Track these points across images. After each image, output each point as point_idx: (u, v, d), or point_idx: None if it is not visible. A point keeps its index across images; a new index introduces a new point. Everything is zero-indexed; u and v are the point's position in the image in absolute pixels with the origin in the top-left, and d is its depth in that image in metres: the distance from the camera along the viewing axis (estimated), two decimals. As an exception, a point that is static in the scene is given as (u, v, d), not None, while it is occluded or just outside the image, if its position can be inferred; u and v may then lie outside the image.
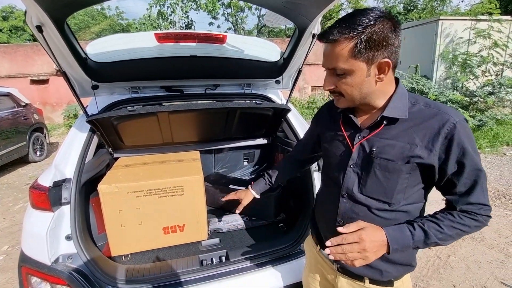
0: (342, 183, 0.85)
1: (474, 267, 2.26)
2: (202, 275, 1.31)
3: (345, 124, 0.87)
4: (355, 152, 0.82)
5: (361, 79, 0.73)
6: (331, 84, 0.76)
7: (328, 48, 0.73)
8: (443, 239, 0.74)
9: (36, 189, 1.30)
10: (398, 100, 0.77)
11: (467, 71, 6.02)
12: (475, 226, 0.75)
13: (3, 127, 4.61)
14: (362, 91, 0.75)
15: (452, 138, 0.71)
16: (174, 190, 1.54)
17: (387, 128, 0.78)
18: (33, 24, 1.14)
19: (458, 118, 0.72)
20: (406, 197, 0.78)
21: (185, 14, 13.08)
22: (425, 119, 0.74)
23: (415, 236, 0.73)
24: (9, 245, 2.76)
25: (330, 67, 0.74)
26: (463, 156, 0.71)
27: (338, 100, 0.80)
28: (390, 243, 0.72)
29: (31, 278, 1.25)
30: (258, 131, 2.27)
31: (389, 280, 0.85)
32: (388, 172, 0.76)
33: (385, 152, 0.76)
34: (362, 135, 0.81)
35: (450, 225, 0.73)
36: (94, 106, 1.65)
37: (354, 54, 0.70)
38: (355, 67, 0.71)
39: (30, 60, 8.46)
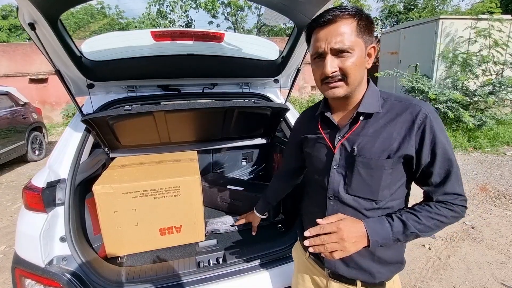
0: (327, 185, 0.85)
1: (474, 268, 2.25)
2: (199, 277, 1.29)
3: (323, 126, 0.88)
4: (337, 153, 0.83)
5: (362, 60, 0.75)
6: (335, 66, 0.74)
7: (330, 29, 0.73)
8: (422, 230, 0.75)
9: (30, 189, 1.28)
10: (371, 96, 0.81)
11: (467, 70, 5.99)
12: (452, 216, 0.76)
13: (1, 126, 4.59)
14: (361, 74, 0.77)
15: (425, 128, 0.74)
16: (171, 191, 1.52)
17: (364, 125, 0.80)
18: (26, 21, 1.12)
19: (429, 109, 0.76)
20: (391, 193, 0.80)
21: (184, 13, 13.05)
22: (398, 113, 0.77)
23: (394, 227, 0.74)
24: (6, 245, 2.75)
25: (334, 46, 0.72)
26: (435, 145, 0.74)
27: (337, 87, 0.76)
28: (369, 235, 0.73)
29: (24, 280, 1.23)
30: (256, 131, 2.25)
31: (380, 282, 0.85)
32: (371, 169, 0.77)
33: (366, 149, 0.78)
34: (342, 135, 0.83)
35: (428, 216, 0.75)
36: (89, 105, 1.63)
37: (357, 32, 0.72)
38: (358, 45, 0.73)
39: (29, 59, 8.43)
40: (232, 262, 1.37)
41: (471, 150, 5.23)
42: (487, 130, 5.55)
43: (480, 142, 5.30)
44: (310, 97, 10.02)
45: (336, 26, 0.72)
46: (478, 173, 4.23)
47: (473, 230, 2.79)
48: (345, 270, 0.86)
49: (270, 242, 1.52)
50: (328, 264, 0.88)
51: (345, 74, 0.74)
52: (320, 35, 0.74)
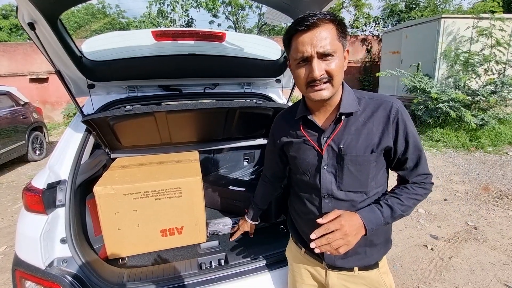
0: (320, 185, 0.89)
1: (477, 268, 2.24)
2: (200, 279, 1.28)
3: (306, 129, 0.92)
4: (325, 154, 0.87)
5: (343, 62, 0.80)
6: (322, 69, 0.77)
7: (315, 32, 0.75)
8: (404, 210, 0.85)
9: (30, 191, 1.27)
10: (348, 97, 0.86)
11: (469, 70, 5.97)
12: (425, 193, 0.88)
13: (2, 126, 4.59)
14: (342, 75, 0.81)
15: (398, 121, 0.82)
16: (172, 192, 1.50)
17: (346, 124, 0.85)
18: (25, 21, 1.10)
19: (399, 103, 0.85)
20: (376, 182, 0.88)
21: (185, 12, 13.03)
22: (374, 110, 0.84)
23: (384, 213, 0.83)
24: (7, 246, 2.75)
25: (320, 50, 0.75)
26: (407, 135, 0.83)
27: (323, 89, 0.79)
28: (366, 224, 0.81)
29: (25, 282, 1.22)
30: (258, 131, 2.23)
31: (375, 263, 0.94)
32: (359, 165, 0.84)
33: (352, 147, 0.83)
34: (327, 136, 0.87)
35: (408, 197, 0.85)
36: (90, 105, 1.61)
37: (338, 36, 0.77)
38: (339, 48, 0.78)
39: (29, 59, 8.43)
40: (234, 263, 1.36)
41: (473, 150, 5.21)
42: (489, 130, 5.53)
43: (482, 142, 5.28)
44: (311, 97, 9.99)
45: (319, 30, 0.74)
46: (480, 173, 4.21)
47: (476, 230, 2.77)
48: (344, 262, 0.92)
49: (272, 243, 1.50)
50: (328, 259, 0.94)
51: (331, 76, 0.78)
52: (304, 38, 0.75)
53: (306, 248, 1.00)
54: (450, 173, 4.25)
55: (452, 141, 5.50)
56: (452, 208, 3.24)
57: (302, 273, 1.05)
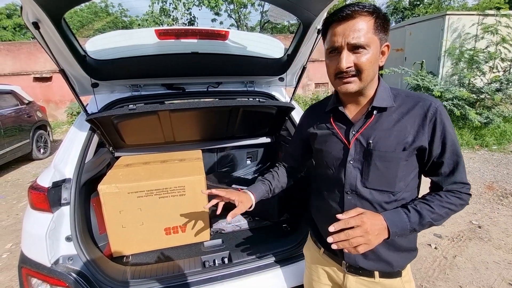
0: (344, 180, 0.85)
1: (481, 267, 2.22)
2: (204, 277, 1.28)
3: (335, 122, 0.89)
4: (352, 148, 0.84)
5: (376, 57, 0.76)
6: (350, 61, 0.74)
7: (349, 24, 0.73)
8: (435, 219, 0.78)
9: (35, 189, 1.28)
10: (383, 92, 0.83)
11: (474, 67, 5.90)
12: (460, 204, 0.80)
13: (7, 124, 4.62)
14: (374, 70, 0.78)
15: (436, 120, 0.78)
16: (176, 191, 1.51)
17: (378, 120, 0.82)
18: (29, 20, 1.11)
19: (438, 103, 0.79)
20: (406, 184, 0.83)
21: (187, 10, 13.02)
22: (410, 107, 0.80)
23: (411, 218, 0.77)
24: (13, 243, 2.77)
25: (351, 41, 0.73)
26: (445, 137, 0.78)
27: (350, 83, 0.77)
28: (389, 226, 0.75)
29: (31, 279, 1.23)
30: (261, 130, 2.23)
31: (397, 271, 0.88)
32: (388, 162, 0.80)
33: (382, 143, 0.80)
34: (356, 129, 0.84)
35: (440, 205, 0.79)
36: (94, 104, 1.62)
37: (374, 29, 0.74)
38: (374, 42, 0.74)
39: (33, 58, 8.48)
40: (238, 262, 1.37)
41: (477, 148, 5.17)
42: (494, 128, 5.47)
43: (486, 140, 5.23)
44: (314, 95, 9.96)
45: (354, 21, 0.73)
46: (484, 171, 4.18)
47: (480, 229, 2.75)
48: (365, 262, 0.87)
49: (275, 241, 1.51)
50: (348, 258, 0.89)
51: (359, 70, 0.75)
52: (337, 30, 0.75)
53: (325, 247, 0.97)
54: (454, 172, 4.22)
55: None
56: (456, 206, 3.22)
57: (319, 273, 1.01)
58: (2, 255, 2.57)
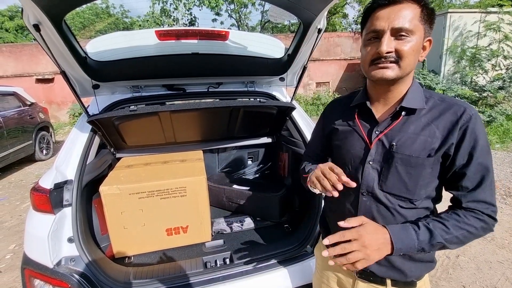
0: (361, 180, 0.81)
1: (485, 267, 2.21)
2: (206, 277, 1.28)
3: (360, 118, 0.84)
4: (373, 148, 0.79)
5: (419, 47, 0.72)
6: (392, 46, 0.70)
7: (395, 8, 0.70)
8: (449, 240, 0.70)
9: (37, 191, 1.29)
10: (415, 92, 0.77)
11: (476, 65, 5.87)
12: (482, 227, 0.72)
13: (10, 126, 4.65)
14: (415, 61, 0.73)
15: (467, 129, 0.71)
16: (177, 191, 1.51)
17: (405, 122, 0.77)
18: (30, 22, 1.11)
19: (474, 111, 0.74)
20: (427, 193, 0.77)
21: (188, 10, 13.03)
22: (442, 112, 0.75)
23: (420, 236, 0.70)
24: (16, 244, 2.79)
25: (396, 25, 0.69)
26: (474, 148, 0.71)
27: (388, 68, 0.72)
28: (394, 242, 0.69)
29: (34, 280, 1.24)
30: (262, 130, 2.23)
31: (411, 281, 0.83)
32: (411, 167, 0.75)
33: (406, 146, 0.75)
34: (380, 130, 0.79)
35: (456, 225, 0.71)
36: (95, 106, 1.63)
37: (420, 18, 0.70)
38: (419, 31, 0.71)
39: (35, 59, 8.52)
40: (239, 262, 1.37)
41: (480, 147, 5.14)
42: (496, 126, 5.44)
43: (489, 139, 5.20)
44: (315, 94, 9.94)
45: (400, 6, 0.69)
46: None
47: (483, 228, 2.74)
48: (376, 268, 0.83)
49: (277, 242, 1.51)
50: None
51: (400, 57, 0.71)
52: (381, 14, 0.71)
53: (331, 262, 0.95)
54: (457, 171, 4.20)
55: (459, 138, 5.44)
56: (458, 206, 3.21)
57: (329, 276, 0.98)
58: (6, 256, 2.59)
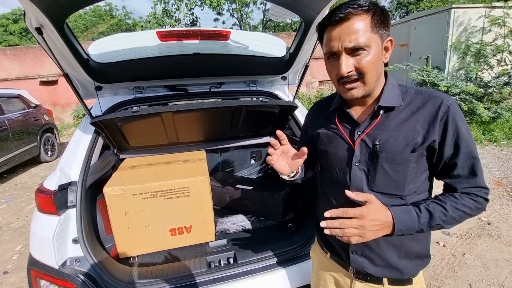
0: (349, 183, 0.82)
1: (491, 265, 2.18)
2: (210, 277, 1.29)
3: (340, 121, 0.85)
4: (357, 149, 0.80)
5: (379, 56, 0.72)
6: (350, 65, 0.70)
7: (344, 26, 0.69)
8: (447, 221, 0.74)
9: (42, 193, 1.30)
10: (390, 90, 0.78)
11: (481, 61, 5.79)
12: (476, 207, 0.75)
13: (15, 128, 4.70)
14: (378, 70, 0.74)
15: (447, 120, 0.73)
16: (180, 192, 1.52)
17: (385, 119, 0.78)
18: (33, 26, 1.12)
19: (450, 100, 0.74)
20: (416, 187, 0.78)
21: (189, 10, 13.05)
22: (420, 105, 0.75)
23: (421, 218, 0.73)
24: (22, 245, 2.82)
25: (349, 45, 0.69)
26: (458, 138, 0.73)
27: (354, 88, 0.73)
28: (396, 224, 0.71)
29: (40, 281, 1.26)
30: (265, 129, 2.23)
31: (407, 278, 0.84)
32: (396, 164, 0.75)
33: (389, 144, 0.76)
34: (361, 130, 0.80)
35: (454, 206, 0.74)
36: (98, 107, 1.64)
37: (372, 27, 0.69)
38: (374, 41, 0.70)
39: (39, 62, 8.60)
40: (243, 262, 1.37)
41: (486, 144, 5.07)
42: (502, 123, 5.36)
43: (495, 135, 5.13)
44: (318, 93, 9.90)
45: (349, 23, 0.68)
46: (493, 167, 4.10)
47: (490, 226, 2.70)
48: (373, 269, 0.83)
49: (280, 241, 1.50)
50: (355, 264, 0.86)
51: (362, 73, 0.71)
52: (333, 34, 0.71)
53: (332, 252, 0.94)
54: (462, 168, 4.16)
55: (463, 135, 5.37)
56: (464, 203, 3.17)
57: (326, 278, 0.99)
58: (13, 256, 2.62)
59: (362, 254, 0.84)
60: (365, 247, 0.83)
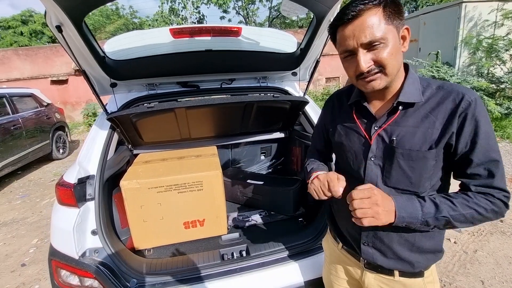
0: (364, 177, 0.82)
1: (504, 262, 2.16)
2: (223, 269, 1.31)
3: (358, 115, 0.84)
4: (374, 144, 0.79)
5: (397, 46, 0.71)
6: (369, 60, 0.69)
7: (356, 23, 0.68)
8: (455, 217, 0.70)
9: (62, 186, 1.34)
10: (411, 85, 0.76)
11: (493, 56, 5.66)
12: (492, 210, 0.70)
13: (28, 126, 4.82)
14: (398, 61, 0.72)
15: (466, 116, 0.69)
16: (194, 186, 1.55)
17: (403, 115, 0.76)
18: (53, 24, 1.16)
19: (473, 96, 0.70)
20: (432, 184, 0.76)
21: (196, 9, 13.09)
22: (440, 101, 0.73)
23: (424, 207, 0.71)
24: (38, 239, 2.90)
25: (365, 41, 0.68)
26: (476, 135, 0.69)
27: (375, 80, 0.72)
28: (397, 209, 0.70)
29: (60, 271, 1.30)
30: (275, 125, 2.24)
31: (419, 271, 0.83)
32: (413, 161, 0.74)
33: (407, 140, 0.74)
34: (379, 125, 0.79)
35: (465, 203, 0.70)
36: (113, 103, 1.68)
37: (386, 19, 0.68)
38: (390, 32, 0.69)
39: (50, 62, 8.76)
40: (256, 255, 1.39)
41: (498, 140, 4.98)
42: (515, 119, 5.25)
43: (508, 132, 5.03)
44: (324, 89, 9.84)
45: (362, 20, 0.67)
46: (506, 164, 4.03)
47: (502, 223, 2.67)
48: (384, 261, 0.84)
49: (292, 235, 1.52)
50: (366, 255, 0.86)
51: (382, 66, 0.70)
52: (346, 33, 0.70)
53: (343, 243, 0.95)
54: (473, 165, 4.10)
55: (475, 131, 5.28)
56: (475, 200, 3.13)
57: (337, 268, 1.00)
58: (29, 250, 2.70)
59: (373, 246, 0.84)
60: (376, 239, 0.83)
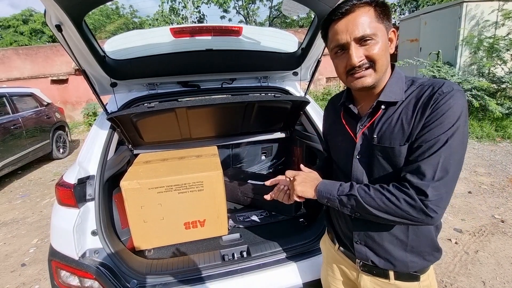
0: (351, 175, 0.84)
1: (505, 263, 2.15)
2: (224, 270, 1.31)
3: (345, 116, 0.89)
4: (358, 142, 0.82)
5: (386, 45, 0.74)
6: (361, 54, 0.71)
7: (349, 18, 0.71)
8: (367, 200, 0.72)
9: (62, 186, 1.33)
10: (394, 84, 0.77)
11: (494, 55, 5.65)
12: (405, 200, 0.67)
13: (28, 126, 4.81)
14: (387, 59, 0.75)
15: (436, 105, 0.68)
16: (194, 186, 1.54)
17: (385, 113, 0.78)
18: (53, 23, 1.15)
19: (451, 88, 0.69)
20: None
21: (196, 8, 13.08)
22: (419, 96, 0.73)
23: (341, 186, 0.79)
24: (38, 239, 2.90)
25: (357, 35, 0.70)
26: (435, 119, 0.67)
27: (365, 76, 0.73)
28: (318, 185, 0.83)
29: (60, 271, 1.29)
30: (276, 125, 2.23)
31: (415, 274, 0.83)
32: (391, 157, 0.75)
33: (386, 137, 0.76)
34: (363, 124, 0.82)
35: (378, 189, 0.72)
36: (113, 103, 1.67)
37: (377, 18, 0.71)
38: (380, 30, 0.72)
39: (50, 61, 8.75)
40: (256, 255, 1.38)
41: (499, 140, 4.97)
42: (516, 119, 5.24)
43: (509, 132, 5.02)
44: (325, 89, 9.83)
45: (354, 15, 0.70)
46: (507, 164, 4.02)
47: (503, 224, 2.66)
48: (376, 259, 0.85)
49: (292, 236, 1.51)
50: (359, 254, 0.88)
51: (373, 61, 0.72)
52: (339, 27, 0.72)
53: (340, 244, 0.97)
54: (475, 165, 4.09)
55: (476, 131, 5.27)
56: (477, 201, 3.12)
57: (334, 268, 1.02)
58: (29, 250, 2.70)
59: (365, 244, 0.86)
60: (367, 238, 0.85)
